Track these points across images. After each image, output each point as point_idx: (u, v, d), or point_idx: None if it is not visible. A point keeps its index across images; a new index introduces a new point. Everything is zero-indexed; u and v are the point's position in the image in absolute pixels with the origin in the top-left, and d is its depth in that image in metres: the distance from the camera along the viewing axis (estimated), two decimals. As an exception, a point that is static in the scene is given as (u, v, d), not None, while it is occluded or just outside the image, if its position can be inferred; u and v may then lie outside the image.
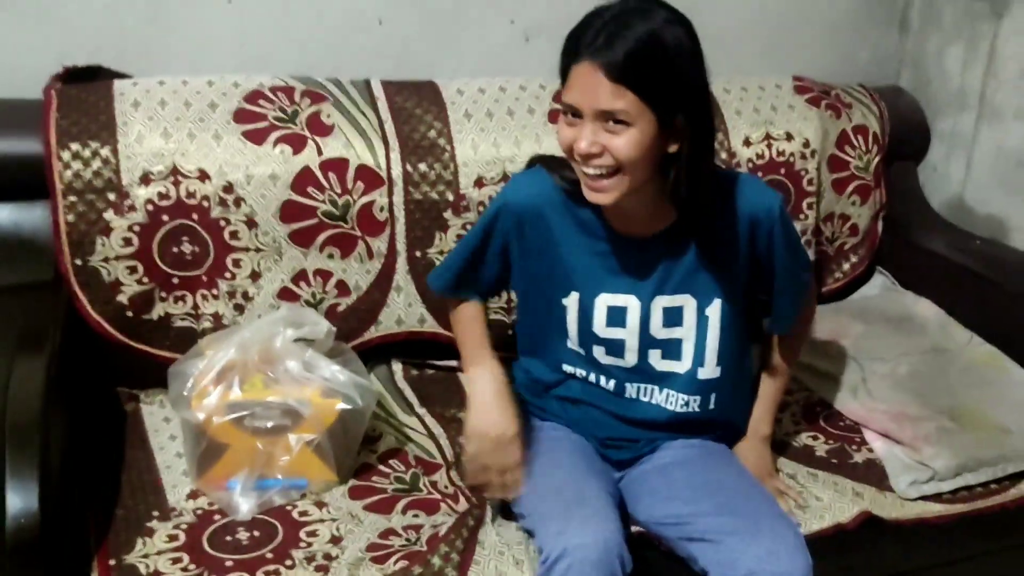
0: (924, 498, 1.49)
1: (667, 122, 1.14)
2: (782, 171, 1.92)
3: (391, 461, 1.50)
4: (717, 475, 1.30)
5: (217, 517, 1.32)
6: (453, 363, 1.79)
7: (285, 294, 1.64)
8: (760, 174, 1.90)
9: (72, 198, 1.52)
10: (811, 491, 1.46)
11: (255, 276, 1.62)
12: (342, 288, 1.68)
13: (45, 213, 1.54)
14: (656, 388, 1.34)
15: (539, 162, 1.35)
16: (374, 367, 1.75)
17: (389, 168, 1.67)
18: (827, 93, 2.02)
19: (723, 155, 1.86)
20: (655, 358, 1.32)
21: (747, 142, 1.90)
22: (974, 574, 1.62)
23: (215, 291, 1.61)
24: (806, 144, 1.94)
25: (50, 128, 1.53)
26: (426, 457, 1.53)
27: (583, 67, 1.12)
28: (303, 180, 1.61)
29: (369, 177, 1.65)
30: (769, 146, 1.91)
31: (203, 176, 1.56)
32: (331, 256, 1.65)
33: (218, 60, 1.74)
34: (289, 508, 1.35)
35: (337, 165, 1.63)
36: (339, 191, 1.63)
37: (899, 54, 2.22)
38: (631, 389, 1.34)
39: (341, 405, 1.38)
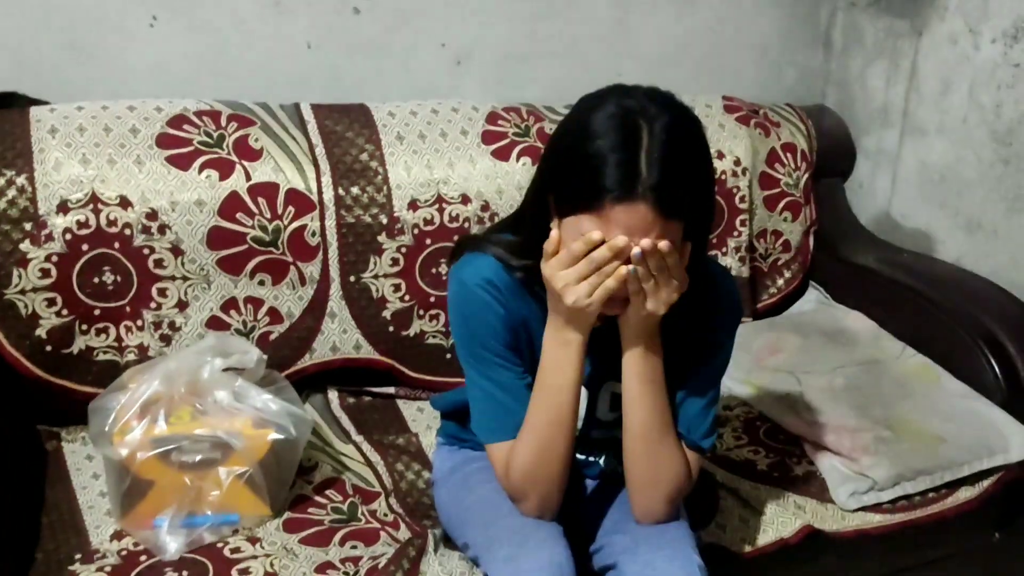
0: (864, 509, 1.50)
1: (692, 236, 1.08)
2: (715, 189, 1.93)
3: (328, 491, 1.45)
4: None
5: (143, 558, 1.26)
6: (391, 390, 1.76)
7: (214, 323, 1.59)
8: (693, 192, 1.91)
9: (-15, 229, 1.46)
10: (754, 506, 1.46)
11: (182, 305, 1.57)
12: (274, 316, 1.63)
13: (-43, 245, 1.47)
14: (593, 455, 1.32)
15: (469, 244, 1.22)
16: (309, 396, 1.71)
17: (320, 192, 1.63)
18: (756, 112, 2.05)
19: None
20: (597, 434, 1.29)
21: (680, 161, 1.90)
22: (915, 585, 1.64)
23: (139, 322, 1.55)
24: (737, 162, 1.96)
25: (-38, 157, 1.47)
26: (364, 486, 1.49)
27: (634, 209, 0.99)
28: (231, 205, 1.57)
29: (300, 201, 1.62)
30: (701, 164, 1.92)
31: (124, 203, 1.51)
32: (262, 283, 1.61)
33: (141, 86, 1.69)
34: (220, 545, 1.30)
35: (266, 190, 1.60)
36: (269, 216, 1.59)
37: (824, 73, 2.27)
38: None
39: (273, 435, 1.33)
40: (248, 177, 1.59)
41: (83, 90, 1.65)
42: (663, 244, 1.01)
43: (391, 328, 1.71)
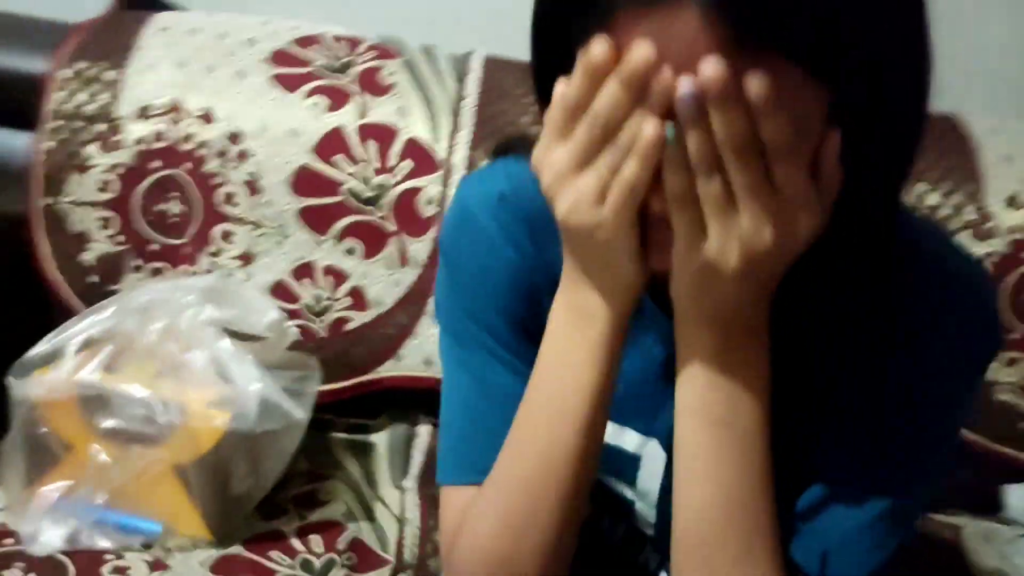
0: None
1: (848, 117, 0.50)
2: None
3: (313, 535, 0.99)
4: None
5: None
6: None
7: (279, 292, 1.23)
8: None
9: (59, 122, 1.24)
10: None
11: (246, 259, 1.23)
12: (357, 298, 1.23)
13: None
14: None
15: (508, 149, 0.73)
16: (392, 421, 1.28)
17: (451, 151, 1.23)
18: None
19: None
20: None
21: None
22: None
23: (194, 269, 1.23)
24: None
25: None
26: (372, 545, 1.01)
27: (674, 20, 0.47)
28: (330, 144, 1.21)
29: (420, 157, 1.22)
30: None
31: (207, 117, 1.22)
32: (350, 251, 1.22)
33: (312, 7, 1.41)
34: (108, 557, 0.89)
35: (381, 133, 1.22)
36: (377, 167, 1.22)
37: None
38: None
39: (226, 423, 0.91)
40: (363, 114, 1.22)
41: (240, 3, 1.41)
42: (758, 81, 0.45)
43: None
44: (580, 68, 0.49)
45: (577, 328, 0.58)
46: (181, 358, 0.97)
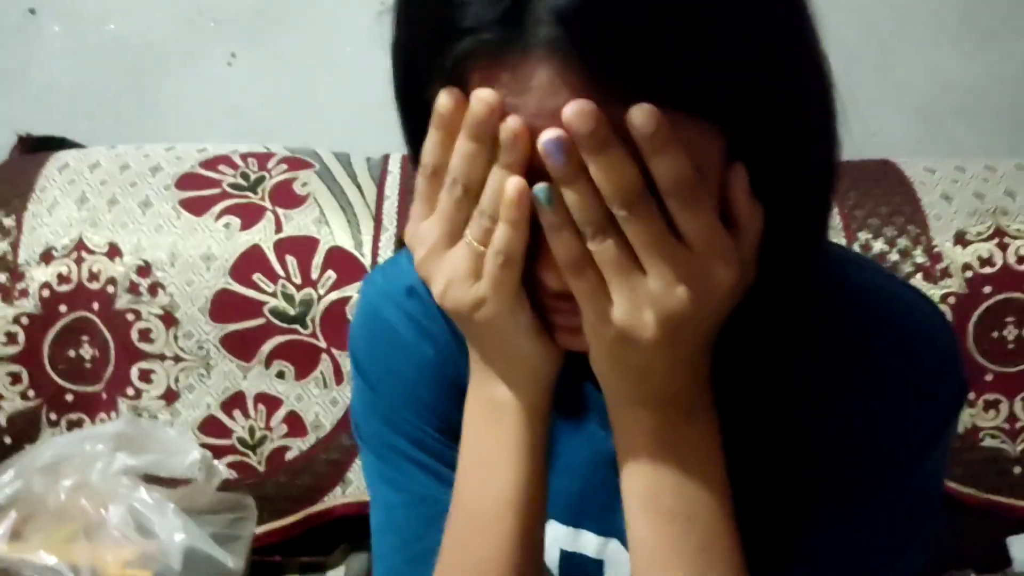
0: None
1: (739, 129, 0.45)
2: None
3: None
4: None
5: None
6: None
7: (210, 428, 1.14)
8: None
9: (-43, 277, 1.16)
10: None
11: (170, 397, 1.14)
12: (294, 424, 1.15)
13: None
14: None
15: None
16: (349, 552, 1.18)
17: (376, 256, 1.17)
18: None
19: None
20: None
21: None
22: None
23: (114, 414, 1.14)
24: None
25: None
26: None
27: (526, 72, 0.41)
28: (248, 263, 1.15)
29: (344, 265, 1.16)
30: None
31: (112, 252, 1.15)
32: (281, 375, 1.15)
33: (217, 131, 1.38)
34: None
35: (300, 246, 1.16)
36: (299, 282, 1.15)
37: None
38: None
39: (148, 582, 0.82)
40: (279, 228, 1.17)
41: (153, 132, 1.37)
42: (642, 112, 0.39)
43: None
44: (432, 126, 0.44)
45: (490, 425, 0.51)
46: (96, 516, 0.88)
